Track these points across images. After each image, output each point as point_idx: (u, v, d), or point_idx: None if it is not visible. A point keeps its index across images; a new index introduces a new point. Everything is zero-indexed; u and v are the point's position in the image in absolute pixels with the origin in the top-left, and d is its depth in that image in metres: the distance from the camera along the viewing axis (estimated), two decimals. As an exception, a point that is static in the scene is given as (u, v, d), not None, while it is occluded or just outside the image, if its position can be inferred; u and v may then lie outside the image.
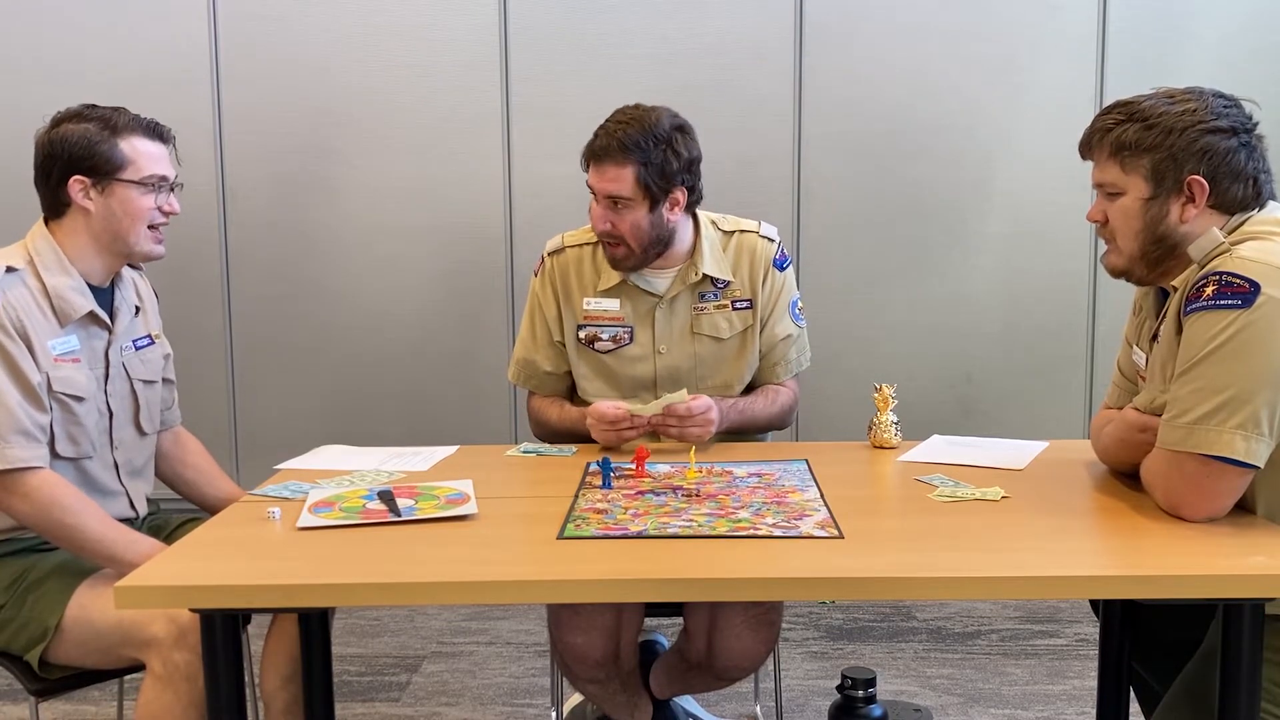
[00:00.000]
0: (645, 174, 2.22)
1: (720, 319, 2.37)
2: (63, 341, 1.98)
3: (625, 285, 2.36)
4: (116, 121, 2.02)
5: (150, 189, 2.03)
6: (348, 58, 3.90)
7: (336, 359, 4.00)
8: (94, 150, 1.99)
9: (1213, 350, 1.58)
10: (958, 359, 4.01)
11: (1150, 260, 1.74)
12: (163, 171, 2.05)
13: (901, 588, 1.67)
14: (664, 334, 2.36)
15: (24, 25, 3.89)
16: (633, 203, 2.24)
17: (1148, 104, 1.71)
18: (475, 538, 1.68)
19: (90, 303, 2.02)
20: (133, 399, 2.12)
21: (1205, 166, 1.67)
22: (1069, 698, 2.86)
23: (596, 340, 2.37)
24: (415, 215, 3.98)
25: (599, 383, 2.38)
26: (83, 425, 1.99)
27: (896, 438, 2.21)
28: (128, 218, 2.02)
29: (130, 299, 2.15)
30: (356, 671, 3.07)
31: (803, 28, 3.87)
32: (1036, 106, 3.89)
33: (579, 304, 2.38)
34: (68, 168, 1.99)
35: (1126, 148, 1.71)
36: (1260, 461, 1.58)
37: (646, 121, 2.23)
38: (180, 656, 1.81)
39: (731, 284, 2.37)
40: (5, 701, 2.86)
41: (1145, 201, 1.71)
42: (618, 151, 2.22)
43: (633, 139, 2.22)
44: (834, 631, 3.30)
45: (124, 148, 2.01)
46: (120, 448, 2.10)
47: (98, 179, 2.00)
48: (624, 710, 2.34)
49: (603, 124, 2.27)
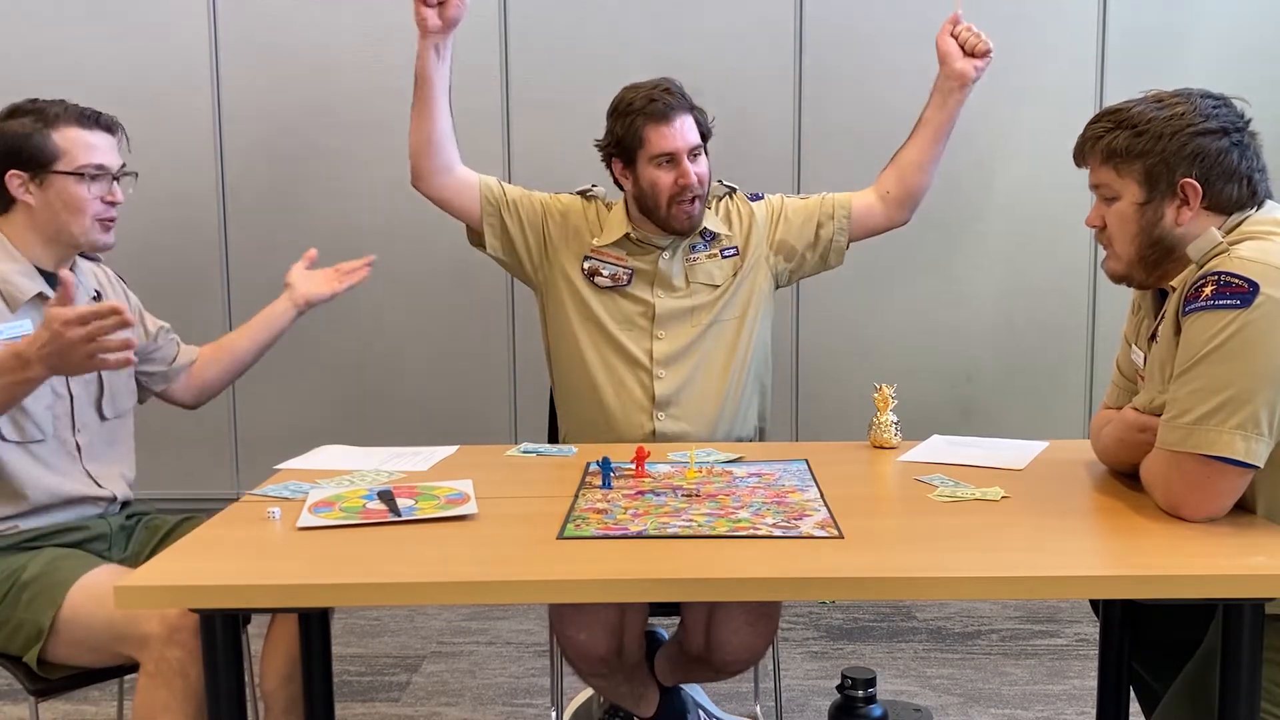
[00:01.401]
0: (700, 119, 2.39)
1: (713, 267, 2.46)
2: (12, 326, 1.98)
3: (627, 240, 2.43)
4: (51, 113, 2.02)
5: (86, 179, 2.03)
6: (348, 57, 3.90)
7: (337, 359, 4.00)
8: (28, 143, 1.99)
9: (1212, 350, 1.58)
10: (958, 359, 4.00)
11: (1148, 263, 1.75)
12: (99, 160, 2.04)
13: (901, 588, 1.68)
14: (663, 281, 2.44)
15: (24, 25, 3.89)
16: (700, 149, 2.38)
17: (1136, 110, 1.71)
18: (475, 538, 1.68)
19: (39, 284, 2.02)
20: (97, 384, 2.12)
21: (1197, 169, 1.67)
22: (1069, 698, 2.86)
23: (597, 275, 2.43)
24: (415, 215, 3.96)
25: (597, 317, 2.43)
26: (26, 411, 1.98)
27: (896, 438, 2.21)
28: (67, 210, 2.02)
29: (88, 284, 2.15)
30: (356, 671, 3.07)
31: (803, 28, 3.87)
32: (1036, 106, 3.88)
33: (587, 240, 2.45)
34: (4, 162, 2.00)
35: (1118, 154, 1.71)
36: (1260, 461, 1.58)
37: (669, 81, 2.38)
38: (172, 653, 1.81)
39: (720, 236, 2.46)
40: (5, 701, 2.86)
41: (1140, 206, 1.71)
42: (683, 102, 2.35)
43: (680, 90, 2.37)
44: (834, 631, 3.30)
45: (56, 138, 2.01)
46: (82, 430, 2.09)
47: (34, 172, 2.00)
48: (630, 700, 2.35)
49: (635, 99, 2.34)
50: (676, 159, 2.33)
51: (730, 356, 2.43)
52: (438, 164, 2.44)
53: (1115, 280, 1.82)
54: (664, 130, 2.32)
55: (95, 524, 2.09)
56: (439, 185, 2.46)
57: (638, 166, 2.36)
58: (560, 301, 2.45)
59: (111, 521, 2.12)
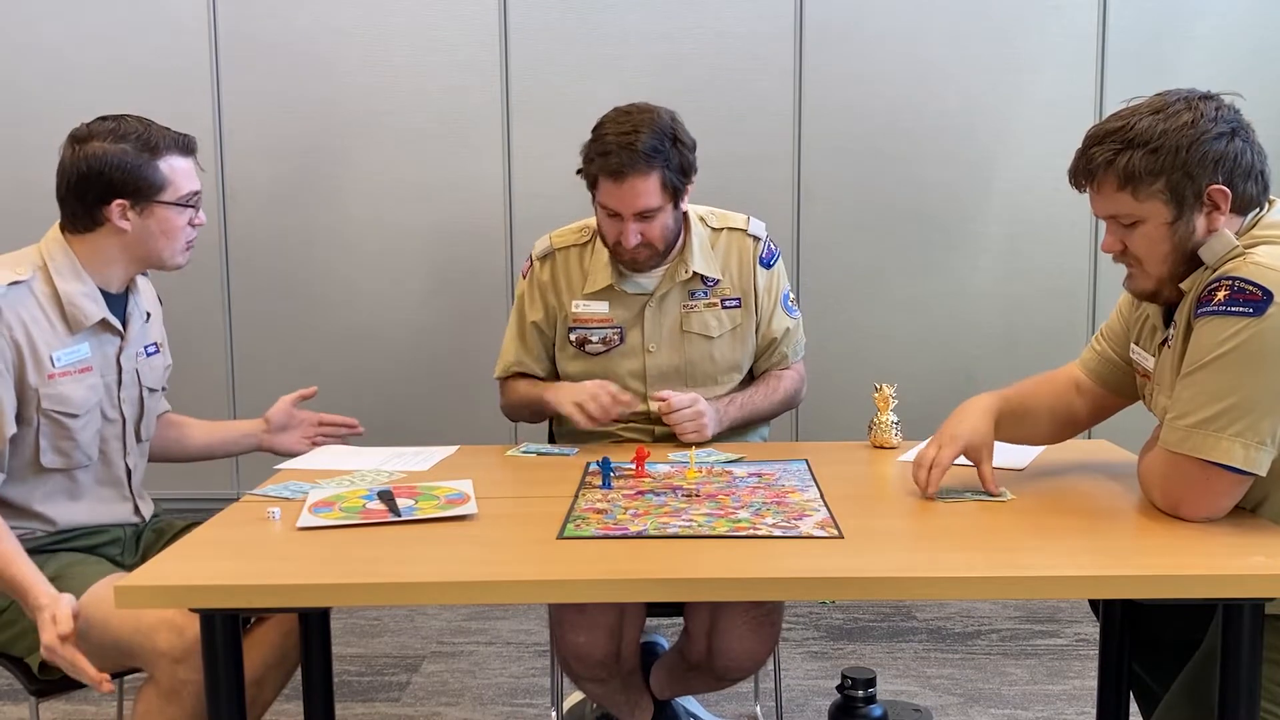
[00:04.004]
0: (668, 176, 2.18)
1: (710, 317, 2.36)
2: (71, 351, 1.97)
3: (612, 288, 2.34)
4: (153, 141, 1.98)
5: (187, 207, 2.03)
6: (348, 57, 3.90)
7: (336, 358, 4.00)
8: (136, 174, 1.96)
9: (1219, 356, 1.57)
10: (958, 359, 4.00)
11: (1179, 278, 1.69)
12: (195, 187, 2.04)
13: (901, 588, 1.68)
14: (653, 332, 2.35)
15: (24, 26, 3.89)
16: (661, 209, 2.20)
17: (1141, 125, 1.64)
18: (475, 538, 1.68)
19: (102, 310, 2.00)
20: (139, 405, 2.11)
21: (1222, 174, 1.62)
22: (1069, 698, 2.86)
23: (587, 343, 2.36)
24: (415, 215, 3.98)
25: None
26: (75, 440, 1.98)
27: (896, 438, 2.21)
28: (164, 236, 2.01)
29: (143, 305, 2.14)
30: (356, 671, 3.07)
31: (803, 28, 3.87)
32: (1036, 106, 3.89)
33: (569, 307, 2.37)
34: (108, 191, 1.96)
35: (1136, 176, 1.63)
36: (1261, 470, 1.57)
37: (651, 123, 2.17)
38: (188, 675, 1.79)
39: (720, 282, 2.36)
40: (5, 701, 2.86)
41: (1170, 225, 1.65)
42: (642, 163, 2.14)
43: (649, 145, 2.14)
44: (834, 631, 3.29)
45: (163, 169, 1.99)
46: (130, 454, 2.09)
47: (138, 201, 1.98)
48: (625, 709, 2.34)
49: (604, 138, 2.18)
50: (621, 218, 2.21)
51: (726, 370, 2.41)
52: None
53: (1143, 299, 1.77)
54: (611, 189, 2.17)
55: (112, 529, 2.09)
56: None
57: (594, 202, 2.26)
58: (563, 347, 2.40)
59: (126, 528, 2.12)
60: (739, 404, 2.33)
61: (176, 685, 1.80)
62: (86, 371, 1.99)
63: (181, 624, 1.80)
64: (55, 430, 1.96)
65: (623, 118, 2.20)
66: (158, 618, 1.81)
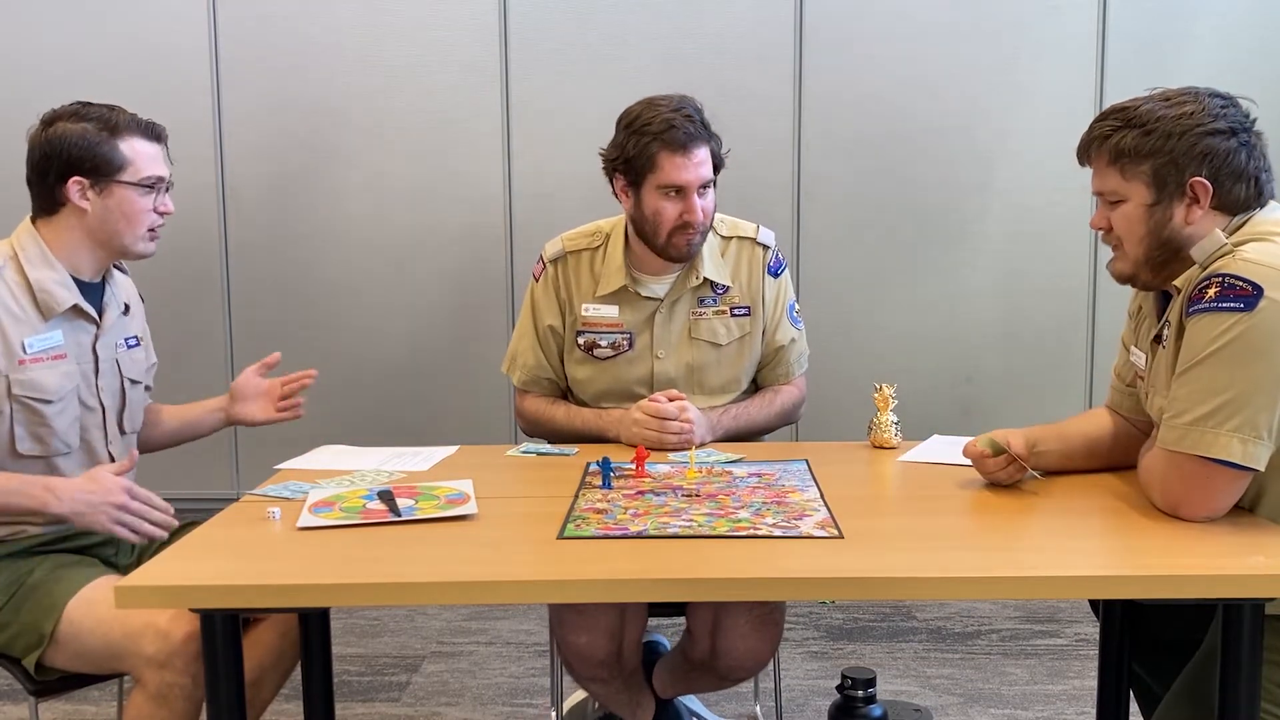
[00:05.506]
0: (715, 151, 2.26)
1: (719, 324, 2.36)
2: (44, 338, 1.97)
3: (625, 291, 2.34)
4: (115, 121, 2.01)
5: (148, 190, 2.03)
6: (348, 58, 3.90)
7: (337, 359, 4.00)
8: (94, 151, 1.98)
9: (1213, 352, 1.57)
10: (958, 359, 4.00)
11: (1155, 264, 1.73)
12: (159, 172, 2.05)
13: (901, 588, 1.68)
14: (662, 338, 2.35)
15: (24, 25, 3.89)
16: (710, 184, 2.26)
17: (1144, 108, 1.69)
18: (475, 538, 1.68)
19: (74, 296, 2.01)
20: (121, 396, 2.12)
21: (1207, 169, 1.65)
22: (1069, 698, 2.86)
23: (595, 347, 2.36)
24: (415, 215, 3.98)
25: (599, 388, 2.37)
26: (51, 426, 1.98)
27: (896, 438, 2.21)
28: (124, 219, 2.02)
29: (120, 297, 2.14)
30: (356, 671, 3.07)
31: (803, 28, 3.87)
32: (1036, 107, 3.88)
33: (578, 310, 2.37)
34: (67, 168, 1.98)
35: (1125, 154, 1.69)
36: (1259, 465, 1.58)
37: (691, 102, 2.25)
38: (174, 678, 1.80)
39: (730, 290, 2.36)
40: (5, 702, 2.86)
41: (1148, 207, 1.70)
42: (703, 132, 2.22)
43: (700, 116, 2.23)
44: (834, 631, 3.30)
45: (124, 148, 2.00)
46: (114, 443, 2.09)
47: (97, 180, 1.99)
48: (627, 709, 2.35)
49: (656, 118, 2.20)
50: (686, 193, 2.21)
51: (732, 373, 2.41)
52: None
53: (1121, 281, 1.81)
54: (679, 161, 2.18)
55: None
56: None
57: (642, 190, 2.23)
58: (571, 350, 2.40)
59: None
60: (733, 414, 2.33)
61: (164, 689, 1.81)
62: (60, 359, 2.00)
63: (166, 628, 1.80)
64: (29, 417, 1.96)
65: (660, 100, 2.25)
66: (143, 622, 1.81)
